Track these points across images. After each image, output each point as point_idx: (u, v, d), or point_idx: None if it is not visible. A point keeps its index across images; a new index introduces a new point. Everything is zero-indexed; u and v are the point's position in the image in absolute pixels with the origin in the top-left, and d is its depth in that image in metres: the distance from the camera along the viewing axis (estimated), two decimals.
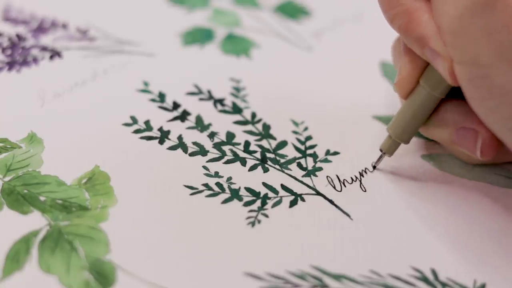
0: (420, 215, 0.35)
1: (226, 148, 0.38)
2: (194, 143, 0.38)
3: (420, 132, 0.36)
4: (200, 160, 0.37)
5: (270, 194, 0.36)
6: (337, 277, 0.32)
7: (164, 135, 0.38)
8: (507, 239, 0.34)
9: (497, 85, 0.29)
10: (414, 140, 0.39)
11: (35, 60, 0.43)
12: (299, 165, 0.37)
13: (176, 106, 0.40)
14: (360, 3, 0.49)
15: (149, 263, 0.32)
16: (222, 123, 0.39)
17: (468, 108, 0.32)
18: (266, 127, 0.39)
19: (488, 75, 0.29)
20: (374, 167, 0.37)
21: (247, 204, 0.35)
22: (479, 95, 0.30)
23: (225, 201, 0.35)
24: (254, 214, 0.35)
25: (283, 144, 0.38)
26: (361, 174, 0.37)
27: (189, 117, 0.40)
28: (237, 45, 0.45)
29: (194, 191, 0.35)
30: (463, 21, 0.29)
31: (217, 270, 0.32)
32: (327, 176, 0.37)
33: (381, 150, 0.36)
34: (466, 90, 0.30)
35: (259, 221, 0.34)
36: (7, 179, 0.35)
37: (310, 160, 0.37)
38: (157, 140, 0.38)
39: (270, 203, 0.35)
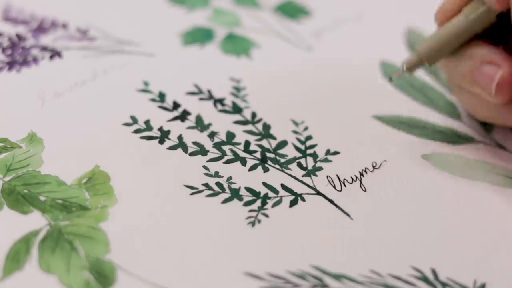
0: (420, 215, 0.35)
1: (226, 148, 0.38)
2: (194, 143, 0.38)
3: (442, 65, 0.37)
4: (200, 160, 0.37)
5: (270, 194, 0.36)
6: (337, 277, 0.32)
7: (164, 135, 0.38)
8: (507, 239, 0.34)
9: None
10: (414, 140, 0.39)
11: (35, 60, 0.43)
12: (299, 165, 0.37)
13: (176, 106, 0.40)
14: (360, 3, 0.49)
15: (149, 263, 0.32)
16: (222, 123, 0.39)
17: (496, 48, 0.34)
18: (266, 127, 0.39)
19: None
20: (391, 79, 0.38)
21: (247, 204, 0.35)
22: None
23: (225, 201, 0.35)
24: (254, 214, 0.35)
25: (283, 144, 0.38)
26: (361, 174, 0.37)
27: (189, 117, 0.40)
28: (237, 45, 0.45)
29: (194, 191, 0.35)
30: None
31: (217, 270, 0.32)
32: (327, 176, 0.37)
33: (402, 66, 0.37)
34: None
35: (259, 221, 0.34)
36: (7, 179, 0.35)
37: (310, 160, 0.37)
38: (157, 140, 0.38)
39: (270, 203, 0.35)
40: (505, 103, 0.35)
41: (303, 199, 0.35)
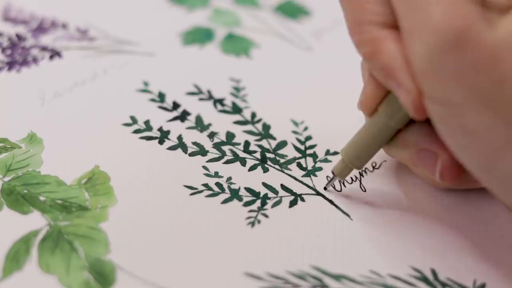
0: (420, 215, 0.35)
1: (226, 148, 0.38)
2: (194, 143, 0.38)
3: (385, 152, 0.35)
4: (200, 160, 0.37)
5: (270, 194, 0.36)
6: (337, 277, 0.32)
7: (164, 135, 0.38)
8: (507, 239, 0.34)
9: (468, 124, 0.28)
10: None
11: (35, 60, 0.43)
12: (299, 165, 0.37)
13: (176, 106, 0.40)
14: None
15: (149, 263, 0.32)
16: (222, 123, 0.39)
17: (429, 130, 0.32)
18: (266, 127, 0.39)
19: (459, 114, 0.28)
20: (325, 188, 0.36)
21: (247, 204, 0.35)
22: (451, 132, 0.29)
23: (225, 201, 0.35)
24: (254, 214, 0.35)
25: (283, 144, 0.38)
26: (361, 174, 0.37)
27: (189, 117, 0.40)
28: (237, 45, 0.45)
29: (194, 191, 0.35)
30: (433, 61, 0.28)
31: (217, 270, 0.32)
32: (327, 176, 0.37)
33: (333, 173, 0.35)
34: (438, 127, 0.29)
35: (259, 221, 0.34)
36: (7, 179, 0.35)
37: (310, 160, 0.37)
38: (157, 140, 0.38)
39: (270, 203, 0.35)
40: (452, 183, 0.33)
41: (302, 200, 0.35)
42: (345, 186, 0.36)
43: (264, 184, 0.36)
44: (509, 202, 0.30)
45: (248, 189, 0.36)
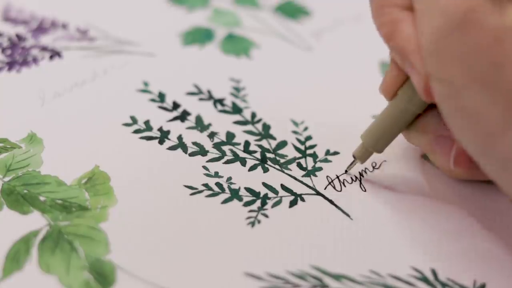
0: (420, 215, 0.35)
1: (226, 148, 0.38)
2: (194, 143, 0.38)
3: (405, 138, 0.36)
4: (200, 160, 0.37)
5: (270, 194, 0.36)
6: (337, 277, 0.32)
7: (164, 135, 0.38)
8: (507, 239, 0.34)
9: (467, 105, 0.29)
10: None
11: (35, 60, 0.43)
12: (299, 165, 0.37)
13: (176, 106, 0.40)
14: (360, 3, 0.49)
15: (149, 263, 0.32)
16: (222, 123, 0.39)
17: None
18: (266, 127, 0.39)
19: (461, 95, 0.29)
20: (346, 172, 0.36)
21: (247, 204, 0.35)
22: (453, 113, 0.30)
23: (225, 201, 0.35)
24: (254, 214, 0.35)
25: (283, 144, 0.38)
26: (361, 174, 0.37)
27: (189, 117, 0.40)
28: (237, 45, 0.45)
29: (194, 191, 0.35)
30: (438, 42, 0.29)
31: (217, 270, 0.32)
32: (327, 176, 0.37)
33: (354, 157, 0.36)
34: (440, 107, 0.30)
35: (259, 221, 0.34)
36: (7, 179, 0.35)
37: (310, 160, 0.37)
38: (157, 140, 0.38)
39: (270, 203, 0.35)
40: (466, 171, 0.34)
41: (303, 200, 0.35)
42: (345, 186, 0.36)
43: (264, 184, 0.36)
44: (507, 189, 0.30)
45: (248, 189, 0.36)
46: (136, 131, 0.38)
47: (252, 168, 0.37)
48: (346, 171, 0.36)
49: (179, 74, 0.43)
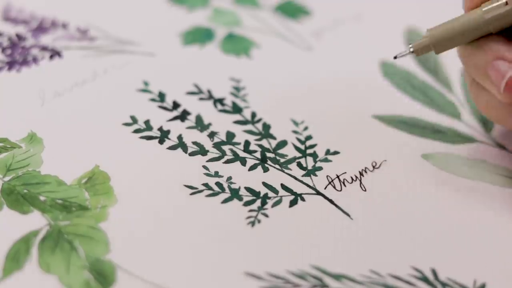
0: (420, 215, 0.35)
1: (226, 147, 0.38)
2: (194, 143, 0.38)
3: (459, 53, 0.36)
4: (200, 159, 0.37)
5: (270, 194, 0.36)
6: (337, 277, 0.32)
7: (164, 135, 0.38)
8: (507, 239, 0.34)
9: None
10: (414, 140, 0.39)
11: (35, 60, 0.43)
12: (299, 165, 0.37)
13: (176, 105, 0.40)
14: (360, 3, 0.49)
15: (149, 263, 0.32)
16: (222, 123, 0.39)
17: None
18: (266, 126, 0.39)
19: None
20: (395, 58, 0.37)
21: (247, 203, 0.35)
22: None
23: (225, 200, 0.35)
24: (254, 214, 0.35)
25: (283, 143, 0.38)
26: (361, 174, 0.37)
27: (189, 117, 0.40)
28: (237, 45, 0.45)
29: (194, 191, 0.35)
30: None
31: (217, 270, 0.32)
32: (327, 176, 0.37)
33: (411, 47, 0.36)
34: None
35: (259, 221, 0.34)
36: (7, 179, 0.35)
37: (310, 159, 0.37)
38: (157, 140, 0.38)
39: (270, 202, 0.35)
40: None
41: (303, 199, 0.35)
42: (345, 186, 0.36)
43: (264, 184, 0.36)
44: None
45: (248, 189, 0.36)
46: (136, 131, 0.38)
47: (252, 167, 0.37)
48: (395, 57, 0.37)
49: (179, 73, 0.43)
